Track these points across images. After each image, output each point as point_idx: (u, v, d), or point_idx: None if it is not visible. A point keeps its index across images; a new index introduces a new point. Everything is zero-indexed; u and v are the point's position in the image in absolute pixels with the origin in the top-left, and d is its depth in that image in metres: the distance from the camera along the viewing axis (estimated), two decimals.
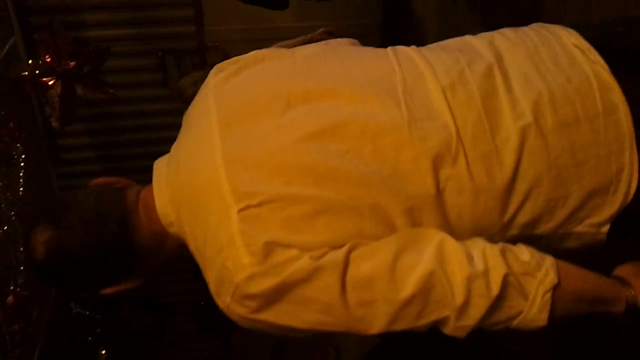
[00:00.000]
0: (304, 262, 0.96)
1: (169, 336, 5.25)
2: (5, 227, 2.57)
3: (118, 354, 3.97)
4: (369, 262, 0.98)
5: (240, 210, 0.99)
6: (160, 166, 1.22)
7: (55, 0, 4.32)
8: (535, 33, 1.22)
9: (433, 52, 1.21)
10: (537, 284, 0.98)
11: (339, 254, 0.98)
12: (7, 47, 4.02)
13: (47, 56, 3.85)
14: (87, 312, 3.95)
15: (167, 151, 1.29)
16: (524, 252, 1.03)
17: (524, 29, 1.26)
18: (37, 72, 3.82)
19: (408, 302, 0.96)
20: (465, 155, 1.04)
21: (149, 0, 4.40)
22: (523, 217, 1.08)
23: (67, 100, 3.96)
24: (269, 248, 0.96)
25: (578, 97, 1.07)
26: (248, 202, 0.99)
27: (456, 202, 1.05)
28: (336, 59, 1.18)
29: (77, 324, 3.79)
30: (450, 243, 1.01)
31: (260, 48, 1.26)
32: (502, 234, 1.10)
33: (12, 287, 2.40)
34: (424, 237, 1.02)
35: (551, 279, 0.98)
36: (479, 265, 0.98)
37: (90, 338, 3.75)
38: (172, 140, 1.31)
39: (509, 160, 1.05)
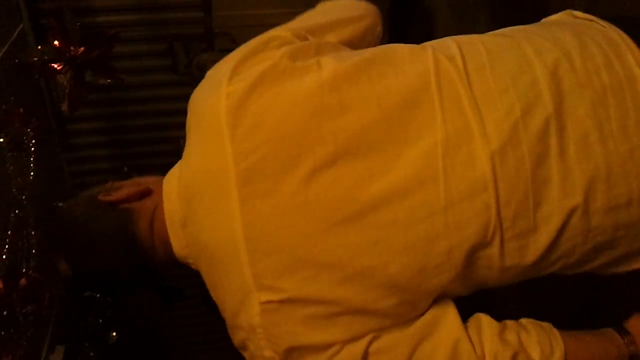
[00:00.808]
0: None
1: (178, 320, 5.31)
2: (17, 211, 2.60)
3: (128, 336, 4.03)
4: (387, 356, 0.99)
5: (262, 303, 0.97)
6: (171, 198, 1.08)
7: None
8: (602, 56, 0.98)
9: (482, 77, 0.97)
10: None
11: (358, 348, 0.98)
12: (16, 33, 4.04)
13: (55, 42, 3.87)
14: (98, 295, 4.01)
15: (175, 136, 1.26)
16: (535, 350, 1.02)
17: (590, 37, 1.02)
18: (45, 57, 3.85)
19: None
20: (502, 236, 0.96)
21: None
22: (548, 272, 1.08)
23: (76, 86, 3.99)
24: (290, 352, 0.99)
25: (638, 174, 0.94)
26: (270, 297, 0.97)
27: (483, 274, 1.03)
28: (370, 89, 0.95)
29: (88, 306, 3.84)
30: (465, 345, 1.01)
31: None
32: None
33: (24, 270, 2.44)
34: (441, 332, 1.01)
35: None
36: None
37: (100, 320, 3.80)
38: (180, 125, 1.22)
39: (544, 239, 0.98)
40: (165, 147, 5.07)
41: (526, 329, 1.07)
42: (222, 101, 0.97)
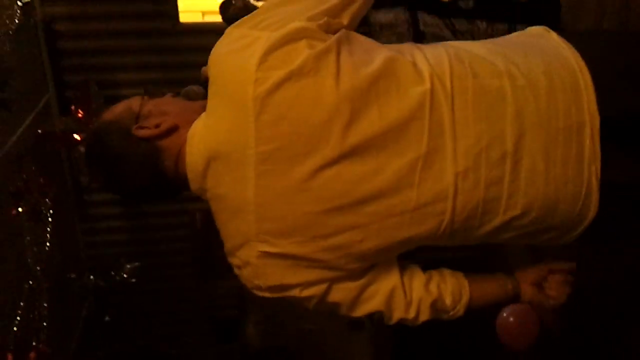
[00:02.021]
0: (296, 293, 1.31)
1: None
2: (31, 282, 2.55)
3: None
4: (342, 293, 1.33)
5: (260, 251, 1.22)
6: (194, 152, 1.22)
7: (90, 59, 4.43)
8: (563, 103, 1.14)
9: (464, 102, 1.13)
10: (450, 314, 1.49)
11: (322, 288, 1.31)
12: (42, 103, 4.11)
13: (79, 113, 3.93)
14: (103, 284, 4.14)
15: (193, 208, 1.40)
16: (448, 298, 1.45)
17: (559, 77, 1.16)
18: (68, 128, 3.90)
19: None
20: (452, 229, 1.24)
21: (181, 61, 4.50)
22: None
23: None
24: (273, 288, 1.29)
25: (565, 199, 1.20)
26: (267, 249, 1.23)
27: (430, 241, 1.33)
28: (376, 105, 1.10)
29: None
30: (399, 291, 1.39)
31: None
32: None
33: (34, 343, 2.36)
34: (384, 281, 1.37)
35: (460, 313, 1.50)
36: (412, 313, 1.42)
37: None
38: (195, 198, 1.35)
39: (485, 231, 1.27)
40: (180, 219, 5.06)
41: (444, 280, 1.45)
42: (250, 86, 1.09)
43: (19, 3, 3.04)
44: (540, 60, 1.18)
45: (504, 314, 3.01)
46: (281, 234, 1.20)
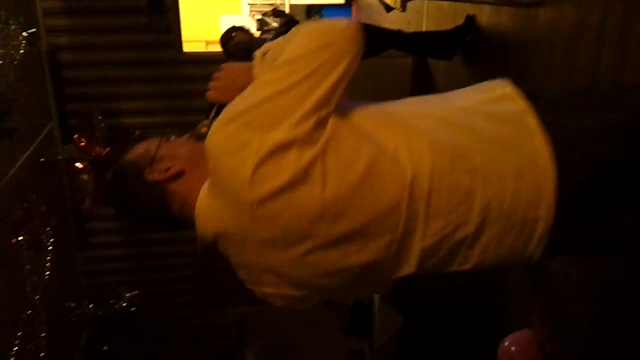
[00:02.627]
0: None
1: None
2: (29, 312, 2.54)
3: None
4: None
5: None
6: (202, 227, 1.33)
7: (94, 89, 4.47)
8: (519, 193, 1.27)
9: (439, 198, 1.26)
10: None
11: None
12: (45, 132, 4.14)
13: (81, 142, 3.95)
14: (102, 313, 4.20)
15: (194, 236, 1.40)
16: None
17: (520, 168, 1.28)
18: (70, 157, 3.92)
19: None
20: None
21: (184, 90, 4.55)
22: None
23: (98, 186, 4.03)
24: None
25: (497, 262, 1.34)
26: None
27: None
28: (358, 206, 1.25)
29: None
30: None
31: None
32: None
33: None
34: None
35: None
36: None
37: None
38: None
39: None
40: (181, 246, 5.05)
41: None
42: (245, 191, 1.21)
43: (24, 34, 3.07)
44: (511, 161, 1.27)
45: (505, 343, 3.01)
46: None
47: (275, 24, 3.82)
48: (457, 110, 1.32)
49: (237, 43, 3.61)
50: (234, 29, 3.66)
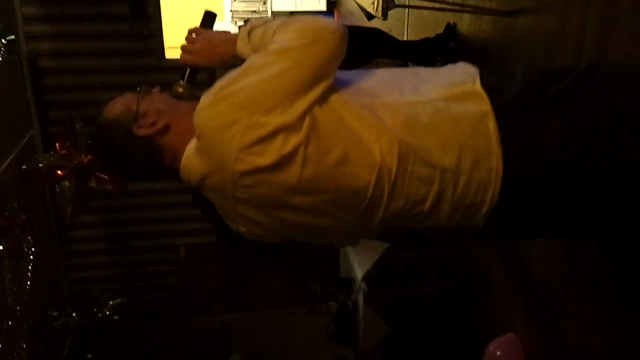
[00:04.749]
0: None
1: None
2: (10, 322, 2.50)
3: None
4: None
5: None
6: (190, 176, 1.42)
7: (75, 95, 4.44)
8: (475, 191, 1.40)
9: (403, 184, 1.39)
10: None
11: None
12: (25, 139, 4.09)
13: (63, 149, 3.92)
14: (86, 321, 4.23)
15: (177, 243, 1.41)
16: None
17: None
18: (52, 164, 3.88)
19: None
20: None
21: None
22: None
23: (80, 193, 4.00)
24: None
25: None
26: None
27: None
28: (332, 188, 1.39)
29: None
30: None
31: None
32: None
33: None
34: None
35: None
36: None
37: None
38: (184, 233, 1.43)
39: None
40: (165, 254, 5.03)
41: None
42: (230, 163, 1.33)
43: (4, 40, 3.05)
44: (466, 159, 1.40)
45: (491, 348, 3.02)
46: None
47: None
48: (425, 107, 1.41)
49: None
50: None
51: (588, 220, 1.47)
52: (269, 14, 6.87)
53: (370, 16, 3.33)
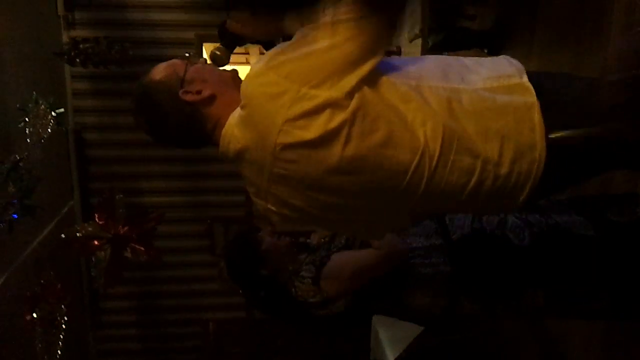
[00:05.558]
0: None
1: None
2: None
3: None
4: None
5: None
6: (229, 148, 1.43)
7: (116, 167, 4.55)
8: (514, 183, 1.42)
9: (442, 175, 1.38)
10: None
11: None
12: (65, 209, 4.18)
13: (101, 220, 3.99)
14: None
15: (207, 318, 1.38)
16: None
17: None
18: (89, 234, 3.94)
19: None
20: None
21: (205, 171, 4.61)
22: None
23: (115, 264, 4.03)
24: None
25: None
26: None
27: None
28: (372, 164, 1.37)
29: None
30: None
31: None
32: None
33: None
34: None
35: None
36: None
37: None
38: (214, 307, 1.39)
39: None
40: (195, 329, 4.97)
41: None
42: (274, 134, 1.32)
43: (53, 113, 3.17)
44: (509, 151, 1.39)
45: None
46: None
47: None
48: (471, 94, 1.41)
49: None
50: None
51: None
52: None
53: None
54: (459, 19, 3.98)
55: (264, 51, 1.61)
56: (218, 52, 1.58)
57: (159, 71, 1.51)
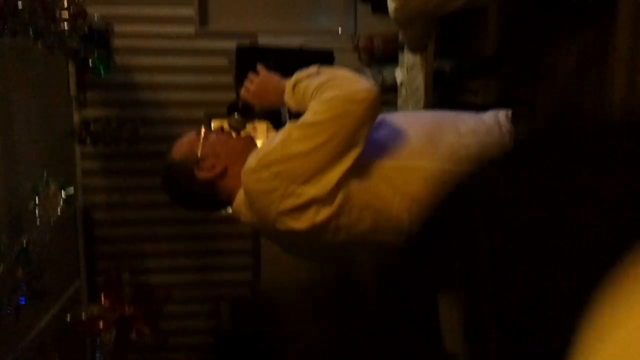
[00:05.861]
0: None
1: None
2: None
3: None
4: None
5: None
6: (241, 216, 1.66)
7: (123, 246, 4.53)
8: None
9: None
10: None
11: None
12: (71, 290, 4.13)
13: (107, 301, 3.93)
14: None
15: None
16: None
17: None
18: (94, 316, 3.87)
19: None
20: None
21: (210, 250, 4.59)
22: None
23: (120, 345, 3.94)
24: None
25: None
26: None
27: None
28: (359, 248, 1.64)
29: None
30: None
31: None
32: None
33: None
34: None
35: None
36: None
37: None
38: None
39: None
40: None
41: None
42: (271, 222, 1.53)
43: (63, 194, 3.18)
44: None
45: None
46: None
47: None
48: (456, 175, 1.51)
49: None
50: None
51: None
52: None
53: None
54: (462, 93, 4.07)
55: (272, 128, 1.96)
56: (234, 122, 1.75)
57: (177, 150, 1.70)
